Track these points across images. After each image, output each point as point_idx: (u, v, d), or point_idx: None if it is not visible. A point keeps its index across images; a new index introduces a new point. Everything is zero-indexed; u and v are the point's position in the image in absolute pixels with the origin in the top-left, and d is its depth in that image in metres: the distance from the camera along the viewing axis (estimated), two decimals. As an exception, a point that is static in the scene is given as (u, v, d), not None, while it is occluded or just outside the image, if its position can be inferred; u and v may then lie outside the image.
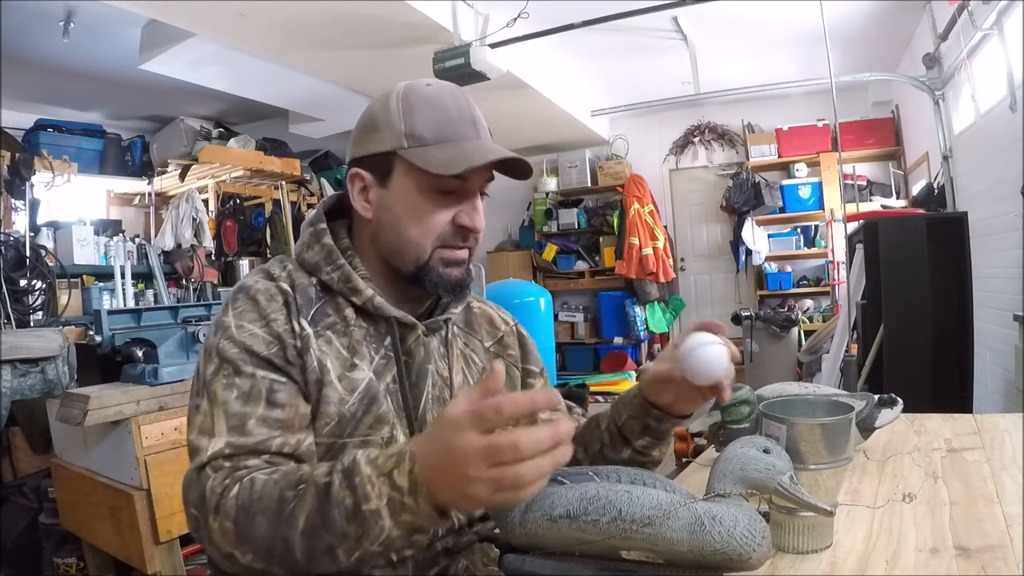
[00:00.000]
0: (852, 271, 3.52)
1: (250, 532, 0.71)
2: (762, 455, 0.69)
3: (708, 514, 0.64)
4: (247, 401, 0.80)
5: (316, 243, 0.92)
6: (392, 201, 0.89)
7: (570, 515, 0.66)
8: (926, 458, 1.05)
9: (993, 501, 0.85)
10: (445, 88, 0.91)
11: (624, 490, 0.67)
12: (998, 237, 3.21)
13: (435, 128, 0.86)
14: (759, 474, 0.68)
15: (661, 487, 0.69)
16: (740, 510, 0.66)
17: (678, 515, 0.64)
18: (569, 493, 0.67)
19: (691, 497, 0.68)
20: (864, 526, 0.80)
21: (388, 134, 0.87)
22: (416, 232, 0.88)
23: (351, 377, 0.85)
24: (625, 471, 0.71)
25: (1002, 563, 0.69)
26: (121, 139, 5.18)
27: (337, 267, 0.90)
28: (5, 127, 4.20)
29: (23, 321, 3.29)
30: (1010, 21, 3.08)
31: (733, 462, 0.69)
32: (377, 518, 0.66)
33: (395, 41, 3.62)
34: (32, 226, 3.76)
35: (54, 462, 2.51)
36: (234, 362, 0.81)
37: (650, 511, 0.64)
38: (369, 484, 0.67)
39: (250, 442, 0.77)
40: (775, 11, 4.10)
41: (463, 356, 0.99)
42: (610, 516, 0.65)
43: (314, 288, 0.89)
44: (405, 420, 0.89)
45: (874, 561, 0.72)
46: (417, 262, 0.89)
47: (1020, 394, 2.66)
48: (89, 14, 3.54)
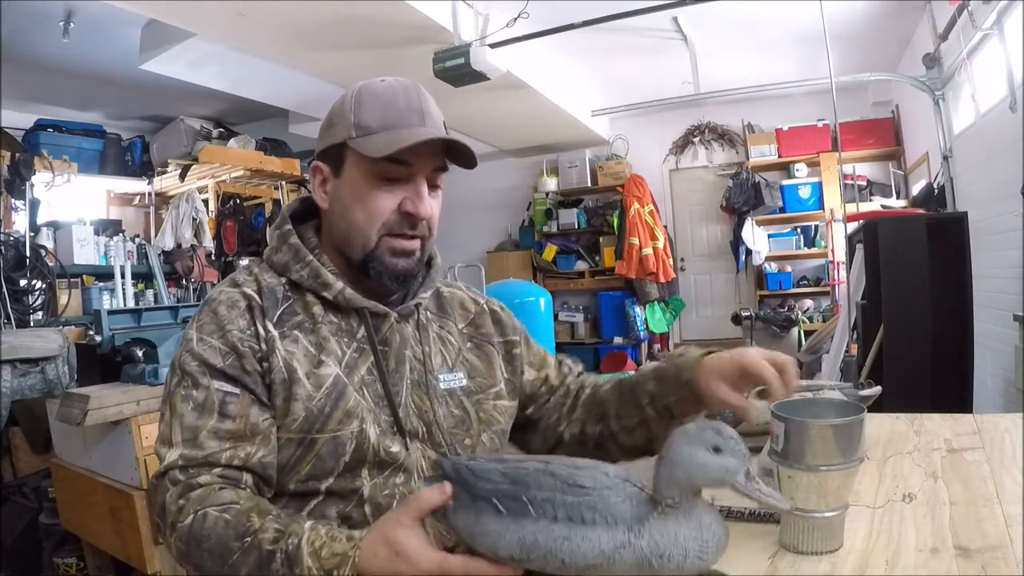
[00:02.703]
0: (852, 271, 3.52)
1: (199, 562, 0.77)
2: (712, 458, 0.64)
3: (655, 552, 0.62)
4: (201, 414, 0.84)
5: (283, 244, 0.94)
6: (343, 190, 0.91)
7: (515, 559, 0.65)
8: (926, 458, 1.05)
9: (993, 501, 0.85)
10: (398, 83, 0.93)
11: (563, 536, 0.64)
12: (998, 237, 3.21)
13: (381, 118, 0.88)
14: (709, 481, 0.64)
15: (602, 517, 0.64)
16: (688, 530, 0.63)
17: (624, 559, 0.62)
18: (508, 535, 0.65)
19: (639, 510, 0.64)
20: (864, 526, 0.80)
21: (341, 127, 0.90)
22: (361, 218, 0.90)
23: (318, 374, 0.87)
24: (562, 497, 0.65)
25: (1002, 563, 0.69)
26: (121, 139, 5.18)
27: (305, 264, 0.92)
28: (5, 127, 4.20)
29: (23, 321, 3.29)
30: (1010, 21, 3.08)
31: (680, 469, 0.64)
32: None
33: (395, 41, 3.62)
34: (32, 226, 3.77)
35: (54, 462, 2.51)
36: (192, 375, 0.86)
37: (593, 559, 0.63)
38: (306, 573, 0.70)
39: (200, 455, 0.82)
40: (775, 11, 4.10)
41: (439, 339, 0.99)
42: (554, 565, 0.64)
43: (283, 288, 0.92)
44: (386, 408, 0.89)
45: (874, 561, 0.72)
46: (364, 248, 0.90)
47: (1020, 394, 2.66)
48: (89, 14, 3.54)
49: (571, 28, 3.75)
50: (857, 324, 3.46)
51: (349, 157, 0.90)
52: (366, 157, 0.87)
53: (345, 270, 0.93)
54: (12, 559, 2.59)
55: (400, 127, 0.88)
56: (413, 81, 0.93)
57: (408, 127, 0.88)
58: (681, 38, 4.53)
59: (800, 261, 6.12)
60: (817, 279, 6.02)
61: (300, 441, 0.84)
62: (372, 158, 0.87)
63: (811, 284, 6.02)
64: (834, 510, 0.74)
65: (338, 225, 0.93)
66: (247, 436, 0.83)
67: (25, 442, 2.83)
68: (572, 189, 6.60)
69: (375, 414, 0.88)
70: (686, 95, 5.23)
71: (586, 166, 6.48)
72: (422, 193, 0.90)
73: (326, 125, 0.94)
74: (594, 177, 6.50)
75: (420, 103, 0.91)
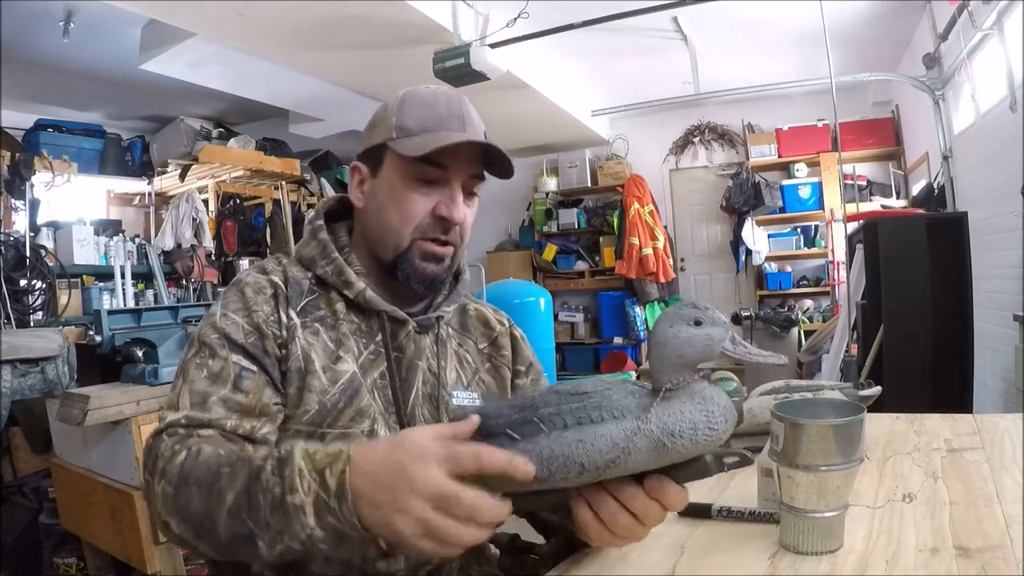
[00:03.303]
0: (852, 271, 3.52)
1: (185, 502, 0.70)
2: (695, 330, 0.66)
3: (666, 432, 0.63)
4: (214, 382, 0.82)
5: (313, 239, 0.95)
6: (379, 189, 0.92)
7: (539, 479, 0.65)
8: (926, 458, 1.05)
9: (993, 501, 0.85)
10: (441, 90, 0.94)
11: (576, 440, 0.64)
12: (998, 237, 3.21)
13: (422, 121, 0.89)
14: (698, 354, 0.66)
15: (608, 413, 0.65)
16: (693, 405, 0.65)
17: (638, 446, 0.63)
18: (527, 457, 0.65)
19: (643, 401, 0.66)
20: (864, 526, 0.80)
21: (382, 128, 0.91)
22: (396, 219, 0.90)
23: (335, 369, 0.87)
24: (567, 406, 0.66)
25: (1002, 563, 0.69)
26: (121, 139, 5.18)
27: (331, 260, 0.92)
28: (5, 127, 4.20)
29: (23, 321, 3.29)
30: (1010, 21, 3.08)
31: (668, 348, 0.66)
32: (300, 513, 0.63)
33: (395, 41, 3.62)
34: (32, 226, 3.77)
35: (54, 462, 2.51)
36: (211, 346, 0.84)
37: (609, 453, 0.63)
38: (299, 477, 0.64)
39: (205, 418, 0.79)
40: (775, 11, 4.10)
41: (456, 356, 0.99)
42: (575, 471, 0.64)
43: (308, 282, 0.92)
44: (394, 415, 0.89)
45: (874, 561, 0.72)
46: (396, 250, 0.91)
47: (1020, 394, 2.66)
48: (89, 14, 3.54)
49: (571, 28, 3.75)
50: (857, 324, 3.46)
51: (388, 158, 0.91)
52: (404, 158, 0.88)
53: (373, 272, 0.94)
54: (12, 559, 2.59)
55: (439, 130, 0.88)
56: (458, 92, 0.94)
57: (447, 131, 0.89)
58: (681, 38, 4.53)
59: (800, 261, 6.12)
60: (817, 279, 6.02)
61: (310, 434, 0.84)
62: (410, 159, 0.87)
63: (811, 284, 6.02)
64: (834, 510, 0.74)
65: (372, 225, 0.93)
66: (255, 413, 0.82)
67: (25, 442, 2.83)
68: (572, 189, 6.59)
69: (385, 418, 0.88)
70: (686, 95, 5.23)
71: (586, 166, 6.48)
72: (456, 198, 0.90)
73: (369, 127, 0.95)
74: (594, 177, 6.50)
75: (462, 110, 0.92)
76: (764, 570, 0.73)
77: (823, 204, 5.75)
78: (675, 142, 6.42)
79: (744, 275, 6.27)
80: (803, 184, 5.86)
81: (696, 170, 6.45)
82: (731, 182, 6.04)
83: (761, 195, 5.73)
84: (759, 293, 6.14)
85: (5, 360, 2.32)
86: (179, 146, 4.95)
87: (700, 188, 6.46)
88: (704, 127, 6.31)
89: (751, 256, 5.98)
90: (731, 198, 5.97)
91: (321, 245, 0.93)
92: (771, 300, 6.11)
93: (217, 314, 0.87)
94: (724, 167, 6.29)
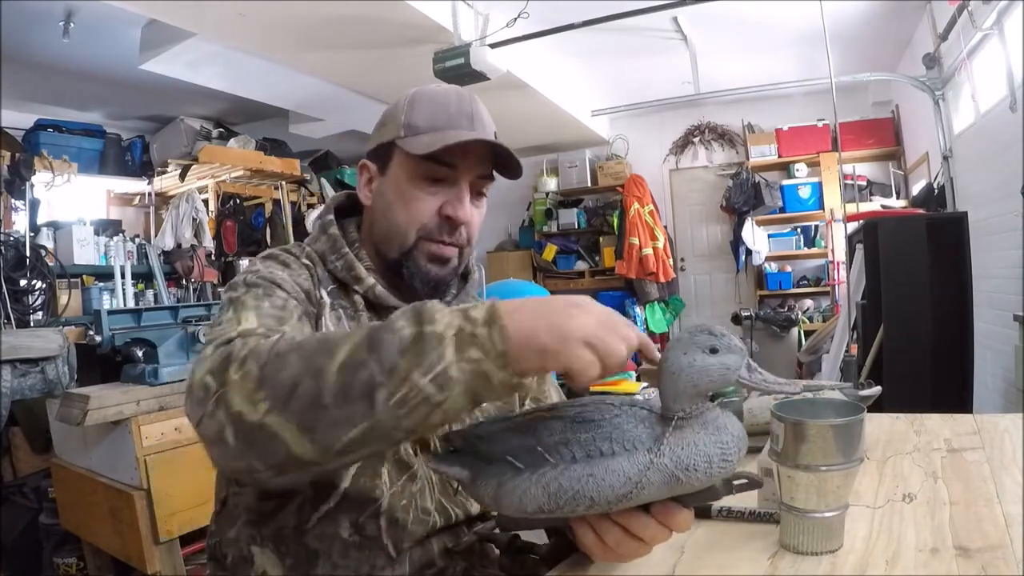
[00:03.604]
0: (852, 271, 3.52)
1: (277, 372, 0.60)
2: (711, 359, 0.63)
3: (680, 466, 0.61)
4: (282, 309, 0.77)
5: (322, 234, 0.94)
6: (387, 187, 0.92)
7: (543, 510, 0.64)
8: (926, 458, 1.05)
9: (993, 501, 0.85)
10: (452, 89, 0.93)
11: (586, 475, 0.62)
12: (998, 237, 3.21)
13: (430, 120, 0.89)
14: (714, 384, 0.63)
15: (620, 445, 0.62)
16: (707, 436, 0.63)
17: (651, 480, 0.62)
18: (532, 488, 0.64)
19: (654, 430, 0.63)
20: (864, 526, 0.80)
21: (391, 126, 0.91)
22: (402, 218, 0.90)
23: None
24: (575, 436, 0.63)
25: (1002, 563, 0.69)
26: (121, 139, 5.18)
27: (341, 256, 0.92)
28: (5, 127, 4.20)
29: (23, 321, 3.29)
30: (1010, 21, 3.08)
31: (683, 378, 0.63)
32: (439, 342, 0.57)
33: (395, 41, 3.62)
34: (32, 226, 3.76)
35: (54, 462, 2.51)
36: (265, 286, 0.80)
37: (622, 489, 0.62)
38: (438, 312, 0.59)
39: (287, 330, 0.72)
40: (775, 11, 4.10)
41: None
42: (584, 505, 0.63)
43: (327, 275, 0.92)
44: None
45: (874, 561, 0.72)
46: (401, 248, 0.91)
47: (1020, 394, 2.66)
48: (89, 14, 3.54)
49: (571, 28, 3.75)
50: (857, 324, 3.46)
51: (396, 156, 0.90)
52: (411, 156, 0.87)
53: (382, 269, 0.94)
54: (12, 559, 2.59)
55: (448, 129, 0.88)
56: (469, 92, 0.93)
57: (456, 130, 0.88)
58: (681, 38, 4.53)
59: (800, 261, 6.12)
60: (817, 279, 6.02)
61: None
62: (417, 157, 0.87)
63: (811, 284, 6.02)
64: (834, 510, 0.74)
65: (379, 223, 0.93)
66: None
67: (25, 442, 2.83)
68: (572, 189, 6.59)
69: None
70: (686, 95, 5.23)
71: (586, 166, 6.48)
72: (463, 197, 0.90)
73: (378, 125, 0.94)
74: (594, 177, 6.50)
75: (472, 108, 0.91)
76: (764, 570, 0.73)
77: (823, 204, 5.75)
78: (675, 142, 6.43)
79: (744, 275, 6.27)
80: (803, 184, 5.86)
81: (696, 170, 6.45)
82: (731, 182, 6.04)
83: (761, 195, 5.74)
84: (759, 293, 6.14)
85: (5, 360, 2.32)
86: (179, 146, 4.95)
87: (700, 188, 6.47)
88: (704, 127, 6.31)
89: (751, 256, 5.98)
90: (731, 198, 5.97)
91: (331, 240, 0.93)
92: (771, 300, 6.11)
93: (261, 269, 0.83)
94: (724, 167, 6.29)
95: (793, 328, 5.19)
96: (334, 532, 0.83)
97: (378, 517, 0.84)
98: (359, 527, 0.84)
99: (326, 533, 0.83)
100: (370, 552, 0.84)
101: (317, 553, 0.83)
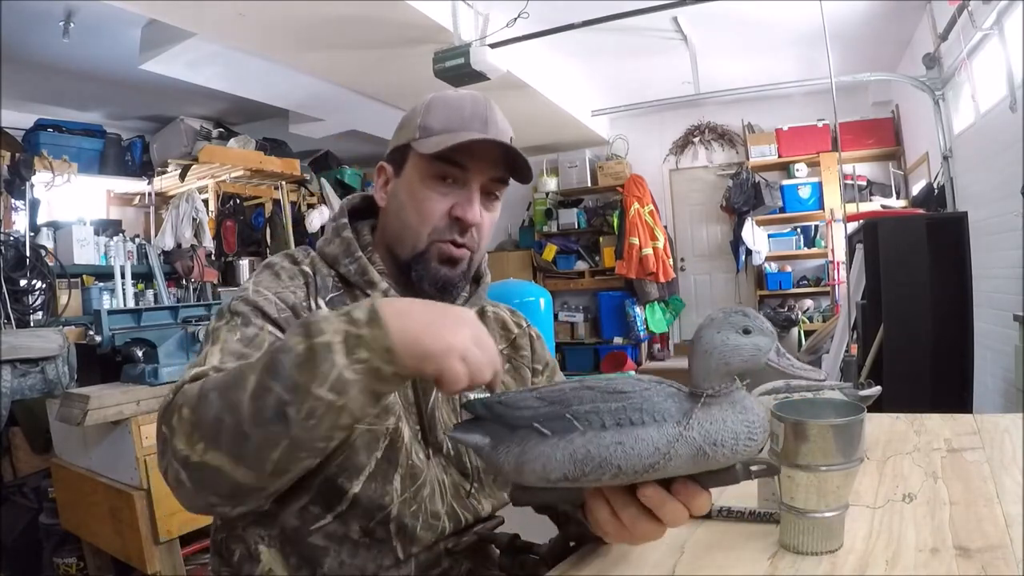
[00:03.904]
0: (852, 271, 3.52)
1: (205, 413, 0.64)
2: (744, 339, 0.65)
3: (708, 440, 0.62)
4: (247, 344, 0.79)
5: (336, 237, 0.94)
6: (400, 188, 0.92)
7: (568, 478, 0.64)
8: (926, 458, 1.05)
9: (993, 501, 0.85)
10: (468, 93, 0.94)
11: (615, 442, 0.63)
12: (998, 237, 3.21)
13: (445, 122, 0.90)
14: (744, 363, 0.65)
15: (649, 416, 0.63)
16: (735, 414, 0.64)
17: (678, 452, 0.62)
18: (558, 454, 0.64)
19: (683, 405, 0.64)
20: (864, 526, 0.80)
21: (408, 129, 0.92)
22: (414, 218, 0.90)
23: None
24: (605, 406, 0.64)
25: (1002, 563, 0.69)
26: (121, 139, 5.18)
27: (355, 259, 0.92)
28: (5, 127, 4.20)
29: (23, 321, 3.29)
30: (1010, 21, 3.08)
31: (715, 356, 0.65)
32: (328, 352, 0.60)
33: (395, 41, 3.62)
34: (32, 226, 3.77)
35: (54, 462, 2.51)
36: (244, 315, 0.82)
37: (649, 459, 0.62)
38: (324, 322, 0.62)
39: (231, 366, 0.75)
40: (775, 11, 4.10)
41: None
42: (610, 473, 0.63)
43: (332, 279, 0.92)
44: (415, 415, 0.89)
45: (874, 561, 0.72)
46: (413, 250, 0.91)
47: (1020, 394, 2.66)
48: (89, 14, 3.54)
49: (571, 28, 3.75)
50: (857, 324, 3.46)
51: (410, 157, 0.91)
52: (424, 157, 0.88)
53: (394, 272, 0.94)
54: (12, 559, 2.59)
55: (461, 131, 0.88)
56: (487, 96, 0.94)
57: (468, 131, 0.89)
58: (681, 38, 4.53)
59: (800, 261, 6.12)
60: (817, 279, 6.02)
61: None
62: (429, 158, 0.87)
63: (811, 284, 6.02)
64: (834, 510, 0.74)
65: (392, 224, 0.93)
66: None
67: (25, 442, 2.83)
68: (572, 189, 6.60)
69: (407, 417, 0.88)
70: (686, 95, 5.23)
71: (586, 166, 6.48)
72: (473, 199, 0.90)
73: (397, 129, 0.95)
74: (594, 177, 6.50)
75: (486, 112, 0.92)
76: (764, 570, 0.73)
77: (823, 204, 5.75)
78: (675, 142, 6.43)
79: (744, 275, 6.27)
80: (803, 184, 5.86)
81: (696, 170, 6.45)
82: (731, 182, 6.04)
83: (761, 195, 5.74)
84: (759, 293, 6.14)
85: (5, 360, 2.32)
86: (179, 146, 4.95)
87: (700, 188, 6.47)
88: (704, 127, 6.31)
89: (751, 256, 5.98)
90: (731, 198, 5.97)
91: (345, 243, 0.93)
92: (771, 300, 6.11)
93: (250, 289, 0.85)
94: (724, 167, 6.29)
95: (793, 328, 5.20)
96: (343, 534, 0.83)
97: (387, 523, 0.84)
98: (369, 531, 0.84)
99: (335, 534, 0.83)
100: (379, 552, 0.85)
101: (325, 552, 0.83)
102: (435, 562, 0.88)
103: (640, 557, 0.78)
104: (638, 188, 6.14)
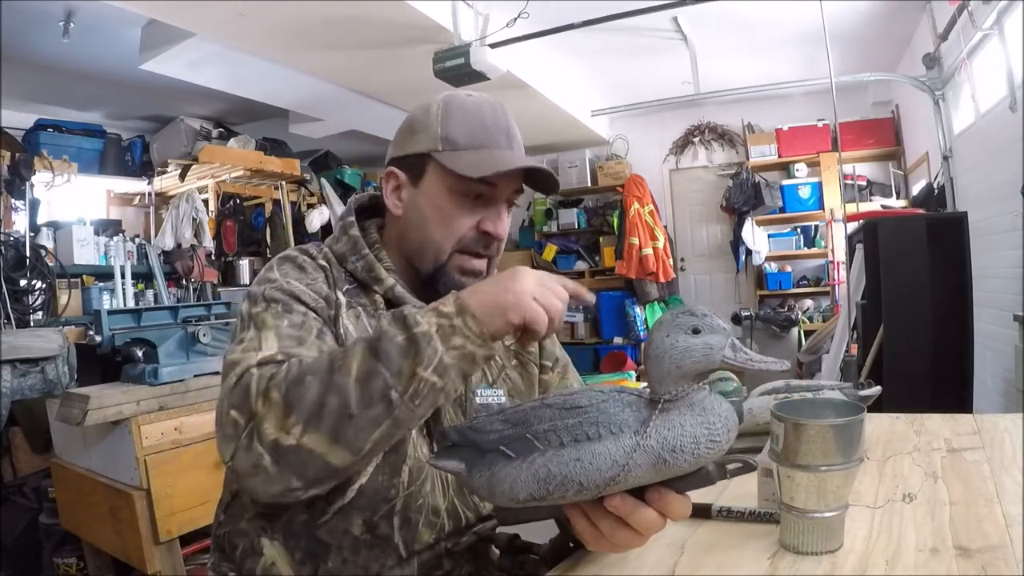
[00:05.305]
0: (852, 271, 3.52)
1: (300, 397, 0.68)
2: (693, 339, 0.63)
3: (666, 448, 0.62)
4: (300, 329, 0.80)
5: (344, 235, 0.95)
6: (421, 200, 0.92)
7: (534, 497, 0.64)
8: (926, 458, 1.05)
9: (993, 501, 0.85)
10: (484, 99, 0.94)
11: (573, 459, 0.63)
12: (998, 237, 3.21)
13: (469, 134, 0.89)
14: (698, 364, 0.63)
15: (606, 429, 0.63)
16: (693, 417, 0.63)
17: (638, 462, 0.62)
18: (522, 475, 0.64)
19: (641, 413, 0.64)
20: (864, 526, 0.80)
21: (425, 137, 0.91)
22: (440, 233, 0.91)
23: None
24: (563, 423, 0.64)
25: (1002, 563, 0.69)
26: (121, 139, 5.17)
27: (361, 257, 0.93)
28: (5, 127, 4.20)
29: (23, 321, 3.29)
30: (1010, 21, 3.08)
31: (667, 360, 0.64)
32: (428, 339, 0.68)
33: (395, 41, 3.62)
34: (32, 226, 3.76)
35: (54, 462, 2.51)
36: (283, 302, 0.83)
37: (608, 472, 0.62)
38: (419, 314, 0.70)
39: (304, 352, 0.77)
40: (775, 11, 4.10)
41: None
42: (574, 490, 0.63)
43: (344, 274, 0.93)
44: None
45: (874, 561, 0.72)
46: (436, 262, 0.92)
47: (1020, 394, 2.66)
48: (89, 14, 3.53)
49: (571, 28, 3.75)
50: (857, 324, 3.46)
51: (432, 169, 0.90)
52: (451, 172, 0.88)
53: (404, 272, 0.94)
54: (12, 559, 2.59)
55: (490, 147, 0.89)
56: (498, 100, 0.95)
57: (497, 148, 0.89)
58: (681, 38, 4.53)
59: (800, 261, 6.12)
60: (817, 279, 6.02)
61: None
62: (458, 174, 0.87)
63: (811, 284, 6.02)
64: (834, 510, 0.74)
65: (412, 234, 0.93)
66: None
67: (25, 442, 2.83)
68: (572, 189, 6.59)
69: None
70: (686, 95, 5.23)
71: (586, 166, 6.48)
72: (502, 214, 0.93)
73: (406, 131, 0.94)
74: (594, 177, 6.50)
75: (506, 122, 0.92)
76: (764, 570, 0.73)
77: (823, 204, 5.75)
78: (675, 142, 6.42)
79: (744, 275, 6.27)
80: (803, 184, 5.86)
81: (696, 170, 6.45)
82: (731, 182, 6.04)
83: (761, 195, 5.73)
84: (759, 293, 6.14)
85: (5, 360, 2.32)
86: (179, 146, 4.95)
87: (700, 188, 6.46)
88: (704, 127, 6.31)
89: (751, 256, 5.98)
90: (731, 198, 5.97)
91: (352, 241, 0.94)
92: (771, 300, 6.11)
93: (279, 279, 0.86)
94: (724, 167, 6.29)
95: (793, 328, 5.19)
96: (345, 528, 0.83)
97: (391, 517, 0.85)
98: (371, 525, 0.84)
99: (338, 529, 0.83)
100: (381, 552, 0.85)
101: (328, 548, 0.83)
102: (436, 563, 0.88)
103: (640, 557, 0.78)
104: (638, 188, 6.14)
